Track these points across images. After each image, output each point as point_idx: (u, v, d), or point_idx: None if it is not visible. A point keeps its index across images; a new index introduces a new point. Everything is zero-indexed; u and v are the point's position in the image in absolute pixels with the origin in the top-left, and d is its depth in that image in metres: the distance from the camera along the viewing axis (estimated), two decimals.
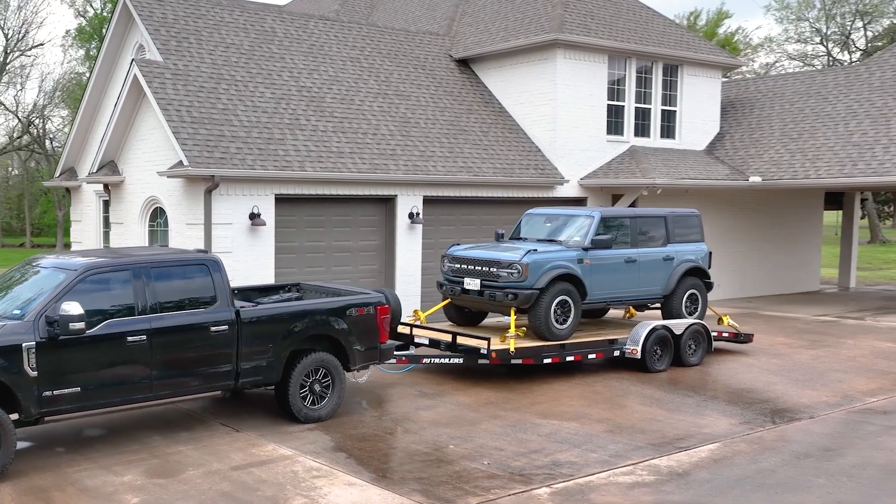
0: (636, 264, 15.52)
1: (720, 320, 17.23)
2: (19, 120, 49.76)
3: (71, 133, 19.44)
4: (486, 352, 13.34)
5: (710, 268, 16.92)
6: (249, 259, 16.04)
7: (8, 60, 47.45)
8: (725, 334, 16.94)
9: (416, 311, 15.31)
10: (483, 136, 20.72)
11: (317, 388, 11.38)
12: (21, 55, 48.03)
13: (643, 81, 23.54)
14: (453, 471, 9.77)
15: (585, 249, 14.80)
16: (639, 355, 14.91)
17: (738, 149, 25.03)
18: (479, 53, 22.61)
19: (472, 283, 14.54)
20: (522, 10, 23.30)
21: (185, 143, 15.31)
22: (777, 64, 59.68)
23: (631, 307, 17.20)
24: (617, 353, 15.01)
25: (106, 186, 17.89)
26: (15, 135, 50.17)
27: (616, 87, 22.92)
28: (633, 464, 10.21)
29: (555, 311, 14.23)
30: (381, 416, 12.04)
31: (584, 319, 17.14)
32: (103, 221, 18.62)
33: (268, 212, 16.21)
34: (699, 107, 24.86)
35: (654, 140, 23.86)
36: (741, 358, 16.69)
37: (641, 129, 23.72)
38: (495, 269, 14.26)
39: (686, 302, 16.25)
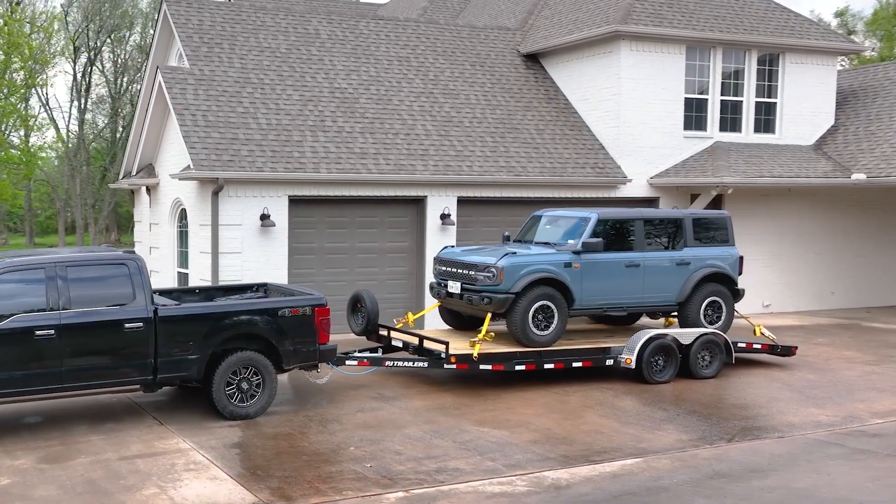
0: (639, 269, 15.35)
1: (754, 331, 16.68)
2: None
3: (129, 138, 21.35)
4: (444, 356, 13.71)
5: (740, 274, 16.41)
6: (260, 260, 17.12)
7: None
8: (758, 346, 16.38)
9: (407, 314, 15.85)
10: (537, 134, 20.90)
11: (245, 386, 12.19)
12: None
13: (732, 72, 22.87)
14: (328, 471, 10.31)
15: (576, 253, 14.83)
16: (633, 365, 14.77)
17: (850, 143, 23.78)
18: (546, 47, 22.76)
19: (455, 286, 14.92)
20: (595, 1, 23.22)
21: (193, 147, 16.59)
22: None
23: (668, 317, 16.93)
24: (610, 362, 14.93)
25: (148, 188, 19.57)
26: None
27: (697, 79, 22.41)
28: (520, 474, 10.38)
29: (534, 317, 14.36)
30: (314, 415, 12.72)
31: (607, 326, 17.06)
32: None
33: (280, 213, 17.23)
34: (807, 97, 23.80)
35: (747, 135, 23.11)
36: (773, 371, 16.13)
37: (731, 124, 23.05)
38: (473, 273, 14.58)
39: (706, 310, 15.85)
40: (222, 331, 11.99)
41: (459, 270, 14.88)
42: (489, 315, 14.44)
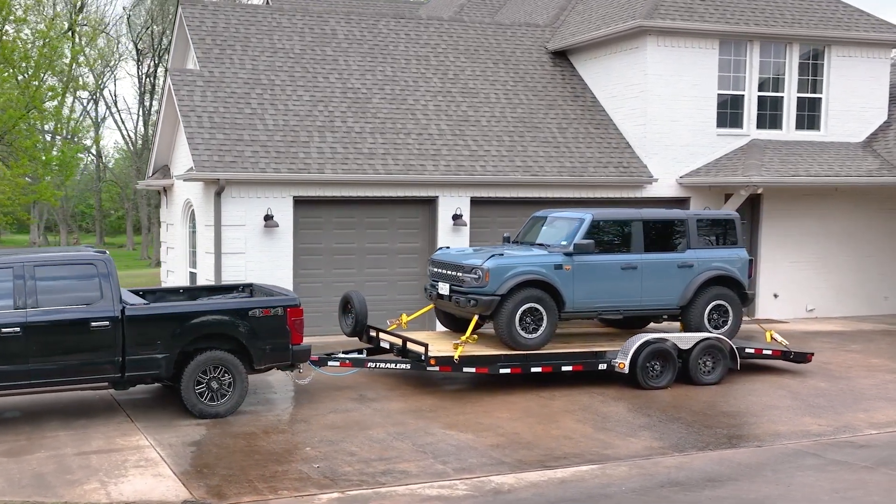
0: (637, 271, 15.26)
1: (766, 336, 16.43)
2: None
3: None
4: (424, 358, 13.89)
5: (750, 277, 16.18)
6: (265, 260, 17.57)
7: None
8: (768, 352, 16.12)
9: (401, 315, 16.06)
10: (559, 133, 20.90)
11: (214, 385, 12.57)
12: None
13: (772, 66, 22.48)
14: (273, 471, 10.60)
15: (568, 254, 14.84)
16: (626, 370, 14.70)
17: None
18: (574, 44, 22.72)
19: (444, 288, 15.09)
20: None
21: (196, 148, 17.13)
22: None
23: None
24: (603, 366, 14.89)
25: (164, 190, 20.23)
26: None
27: (732, 74, 22.10)
28: (466, 478, 10.49)
29: (521, 319, 14.42)
30: (285, 415, 13.05)
31: (616, 329, 16.92)
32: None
33: (284, 214, 17.64)
34: (855, 92, 23.22)
35: (788, 132, 22.69)
36: (783, 379, 15.86)
37: (770, 121, 22.66)
38: (460, 274, 14.73)
39: (711, 314, 15.67)
40: (190, 330, 12.39)
41: (448, 272, 15.06)
42: (475, 317, 14.57)
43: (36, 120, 25.83)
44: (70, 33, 38.00)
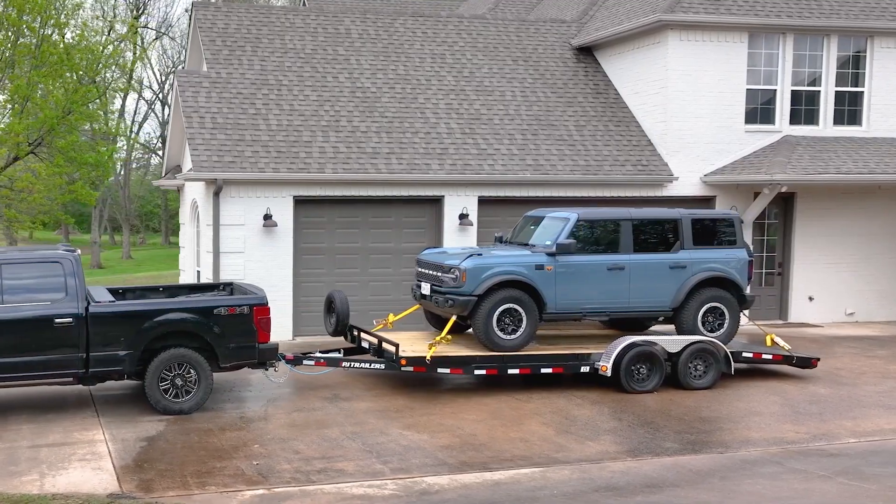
0: (624, 272, 15.17)
1: (766, 340, 16.17)
2: None
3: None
4: (395, 358, 14.08)
5: (750, 279, 15.94)
6: (265, 259, 18.00)
7: None
8: (768, 356, 15.86)
9: (388, 315, 16.28)
10: (575, 131, 20.85)
11: (179, 382, 13.00)
12: None
13: (807, 60, 22.03)
14: (210, 467, 10.93)
15: (551, 255, 14.85)
16: (608, 373, 14.65)
17: None
18: (597, 39, 22.62)
19: (426, 288, 15.27)
20: None
21: (196, 149, 17.65)
22: None
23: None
24: (586, 369, 14.86)
25: (179, 190, 20.86)
26: None
27: (763, 68, 21.73)
28: (399, 478, 10.66)
29: (499, 320, 14.49)
30: (250, 413, 13.40)
31: (619, 331, 16.79)
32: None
33: (284, 213, 18.04)
34: None
35: (825, 128, 22.19)
36: (783, 384, 15.59)
37: (806, 116, 22.19)
38: (440, 274, 14.89)
39: (706, 317, 15.47)
40: (154, 328, 12.83)
41: (431, 272, 15.22)
42: (453, 318, 14.70)
43: (77, 120, 26.82)
44: (130, 34, 39.26)
